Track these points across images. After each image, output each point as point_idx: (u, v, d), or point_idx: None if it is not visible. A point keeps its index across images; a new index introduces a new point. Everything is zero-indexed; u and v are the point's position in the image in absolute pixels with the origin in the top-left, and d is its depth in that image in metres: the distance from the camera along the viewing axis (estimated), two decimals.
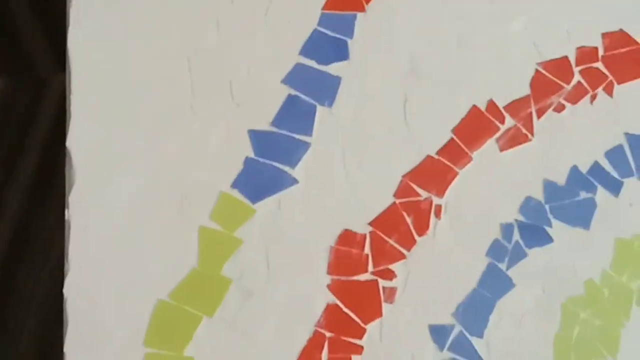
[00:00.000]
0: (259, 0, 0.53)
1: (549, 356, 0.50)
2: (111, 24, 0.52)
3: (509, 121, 0.52)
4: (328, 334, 0.48)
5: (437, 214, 0.51)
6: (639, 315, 0.51)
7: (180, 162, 0.50)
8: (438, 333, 0.49)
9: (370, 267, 0.50)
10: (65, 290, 0.47)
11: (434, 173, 0.51)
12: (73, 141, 0.50)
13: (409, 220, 0.50)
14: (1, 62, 0.71)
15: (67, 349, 0.46)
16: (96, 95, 0.51)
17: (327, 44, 0.52)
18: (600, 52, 0.54)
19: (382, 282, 0.49)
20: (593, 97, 0.53)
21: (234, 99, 0.51)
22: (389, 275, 0.50)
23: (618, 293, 0.51)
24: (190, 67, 0.52)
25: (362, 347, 0.49)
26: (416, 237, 0.50)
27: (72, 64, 0.51)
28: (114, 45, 0.52)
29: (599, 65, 0.54)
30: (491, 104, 0.52)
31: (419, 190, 0.51)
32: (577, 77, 0.54)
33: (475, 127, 0.52)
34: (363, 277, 0.49)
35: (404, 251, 0.50)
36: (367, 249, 0.50)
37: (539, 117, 0.53)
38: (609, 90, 0.53)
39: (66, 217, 0.48)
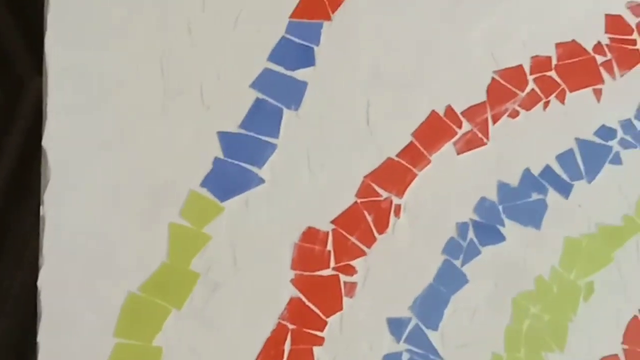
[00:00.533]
0: (230, 8, 0.55)
1: (500, 348, 0.52)
2: (87, 27, 0.55)
3: (466, 126, 0.55)
4: (291, 326, 0.51)
5: (397, 213, 0.53)
6: (585, 310, 0.53)
7: (152, 161, 0.52)
8: (395, 325, 0.52)
9: (332, 263, 0.52)
10: (39, 283, 0.49)
11: (394, 174, 0.54)
12: (48, 141, 0.52)
13: (369, 218, 0.53)
14: None
15: (40, 338, 0.48)
16: (71, 96, 0.53)
17: (294, 51, 0.55)
18: (554, 62, 0.57)
19: (343, 277, 0.52)
20: (546, 104, 0.56)
21: (204, 101, 0.54)
22: (350, 270, 0.52)
23: (566, 289, 0.54)
24: (163, 70, 0.54)
25: (323, 339, 0.51)
26: (376, 235, 0.53)
27: (48, 66, 0.53)
28: (90, 47, 0.54)
29: (552, 73, 0.57)
30: (449, 109, 0.55)
31: (380, 191, 0.53)
32: (531, 85, 0.56)
33: (434, 131, 0.55)
34: (325, 272, 0.52)
35: (365, 248, 0.52)
36: (329, 246, 0.52)
37: (494, 122, 0.55)
38: (561, 98, 0.56)
39: (41, 212, 0.50)
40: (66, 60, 0.54)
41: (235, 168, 0.52)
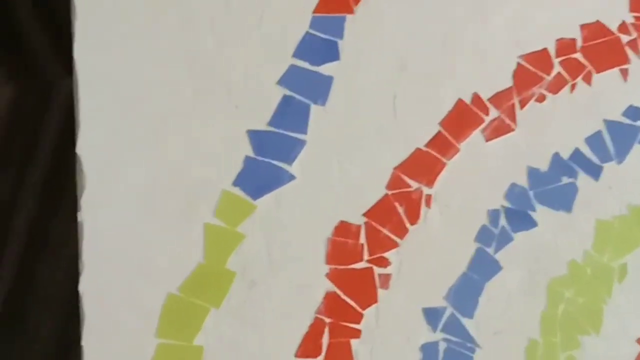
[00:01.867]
0: (253, 6, 0.55)
1: (536, 333, 0.53)
2: (114, 31, 0.55)
3: (493, 112, 0.55)
4: (328, 320, 0.52)
5: (428, 203, 0.54)
6: (619, 292, 0.53)
7: (184, 162, 0.53)
8: (431, 315, 0.52)
9: (366, 256, 0.52)
10: (80, 288, 0.50)
11: (423, 165, 0.54)
12: (83, 147, 0.52)
13: (400, 210, 0.53)
14: (8, 68, 0.74)
15: (85, 342, 0.49)
16: (102, 101, 0.53)
17: (319, 46, 0.55)
18: (579, 44, 0.56)
19: (377, 270, 0.52)
20: (573, 87, 0.56)
21: (232, 100, 0.54)
22: (384, 262, 0.53)
23: (600, 272, 0.54)
24: (190, 71, 0.54)
25: (359, 331, 0.52)
26: (408, 225, 0.53)
27: (78, 72, 0.54)
28: (118, 51, 0.54)
29: (578, 55, 0.56)
30: (476, 97, 0.55)
31: (410, 182, 0.54)
32: (557, 68, 0.56)
33: (461, 119, 0.55)
34: (359, 265, 0.52)
35: (397, 240, 0.53)
36: (362, 239, 0.53)
37: (521, 107, 0.55)
38: (587, 80, 0.56)
39: (79, 219, 0.51)
40: (95, 65, 0.54)
41: (265, 165, 0.53)
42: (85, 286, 0.50)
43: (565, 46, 0.56)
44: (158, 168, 0.52)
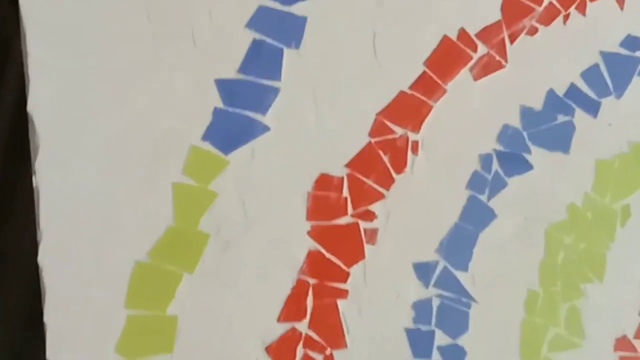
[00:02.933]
0: None
1: (535, 284, 0.50)
2: None
3: (482, 49, 0.51)
4: (312, 281, 0.48)
5: (414, 150, 0.50)
6: (623, 235, 0.51)
7: (147, 116, 0.48)
8: (422, 270, 0.49)
9: (350, 210, 0.49)
10: (39, 259, 0.46)
11: (408, 109, 0.50)
12: (34, 104, 0.48)
13: (385, 158, 0.50)
14: None
15: (47, 318, 0.45)
16: (54, 54, 0.49)
17: None
18: None
19: (362, 224, 0.49)
20: (566, 17, 0.52)
21: (197, 46, 0.50)
22: (369, 216, 0.49)
23: (601, 215, 0.51)
24: (150, 16, 0.50)
25: (346, 291, 0.48)
26: (394, 175, 0.49)
27: (25, 21, 0.49)
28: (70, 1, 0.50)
29: None
30: (462, 33, 0.51)
31: (394, 128, 0.50)
32: None
33: (447, 57, 0.51)
34: (343, 220, 0.49)
35: (383, 191, 0.49)
36: (345, 192, 0.49)
37: (512, 42, 0.51)
38: (581, 9, 0.52)
39: (34, 183, 0.47)
40: (44, 13, 0.49)
41: (237, 117, 0.49)
42: (44, 257, 0.46)
43: None
44: (119, 124, 0.48)
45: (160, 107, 0.49)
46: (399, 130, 0.50)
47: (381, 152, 0.50)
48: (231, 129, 0.49)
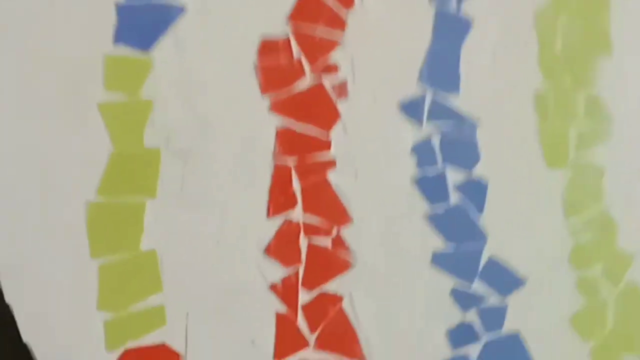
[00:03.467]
0: None
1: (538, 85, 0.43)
2: None
3: None
4: (291, 161, 0.41)
5: None
6: None
7: (46, 36, 0.40)
8: (411, 108, 0.42)
9: (307, 69, 0.41)
10: None
11: None
12: None
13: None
14: None
15: (8, 298, 0.38)
16: None
17: None
18: None
19: (327, 80, 0.41)
20: None
21: None
22: (331, 69, 0.42)
23: None
24: None
25: (333, 161, 0.41)
26: (343, 14, 0.42)
27: None
28: None
29: None
30: None
31: None
32: None
33: None
34: (303, 83, 0.41)
35: (337, 35, 0.42)
36: (295, 52, 0.41)
37: None
38: None
39: None
40: None
41: (144, 8, 0.41)
42: None
43: None
44: (21, 57, 0.39)
45: (58, 30, 0.40)
46: None
47: None
48: (142, 22, 0.41)
